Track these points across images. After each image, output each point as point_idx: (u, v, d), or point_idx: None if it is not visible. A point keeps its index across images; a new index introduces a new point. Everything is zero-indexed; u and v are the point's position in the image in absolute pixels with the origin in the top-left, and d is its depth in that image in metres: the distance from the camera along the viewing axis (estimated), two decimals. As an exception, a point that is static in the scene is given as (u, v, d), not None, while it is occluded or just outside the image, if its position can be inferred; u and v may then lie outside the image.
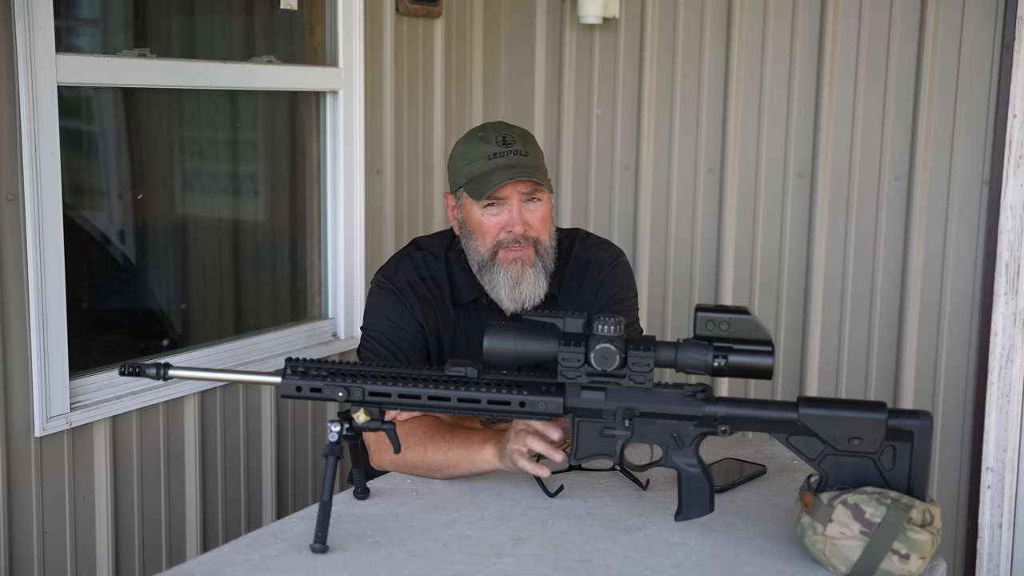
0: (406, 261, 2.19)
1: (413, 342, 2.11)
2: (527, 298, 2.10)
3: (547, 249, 2.12)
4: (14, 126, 2.16)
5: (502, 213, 2.08)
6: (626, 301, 2.23)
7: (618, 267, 2.24)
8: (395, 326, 2.11)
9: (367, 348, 2.13)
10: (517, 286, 2.09)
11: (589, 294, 2.19)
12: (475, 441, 1.91)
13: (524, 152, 2.10)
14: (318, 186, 3.06)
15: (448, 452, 1.91)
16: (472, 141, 2.13)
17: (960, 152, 2.97)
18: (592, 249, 2.26)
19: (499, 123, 2.18)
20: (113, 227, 2.94)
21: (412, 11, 3.17)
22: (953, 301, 3.01)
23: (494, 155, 2.08)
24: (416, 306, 2.13)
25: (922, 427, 1.61)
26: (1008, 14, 2.84)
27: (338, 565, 1.59)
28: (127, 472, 2.47)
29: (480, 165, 2.08)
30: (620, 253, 2.28)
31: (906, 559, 1.55)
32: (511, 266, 2.09)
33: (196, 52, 2.96)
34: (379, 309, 2.15)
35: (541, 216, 2.10)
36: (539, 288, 2.11)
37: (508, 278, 2.09)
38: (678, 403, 1.66)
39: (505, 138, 2.10)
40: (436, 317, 2.14)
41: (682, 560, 1.63)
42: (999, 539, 2.97)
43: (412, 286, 2.14)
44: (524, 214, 2.08)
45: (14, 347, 2.21)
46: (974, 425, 3.00)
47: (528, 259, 2.09)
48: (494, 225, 2.09)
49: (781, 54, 3.17)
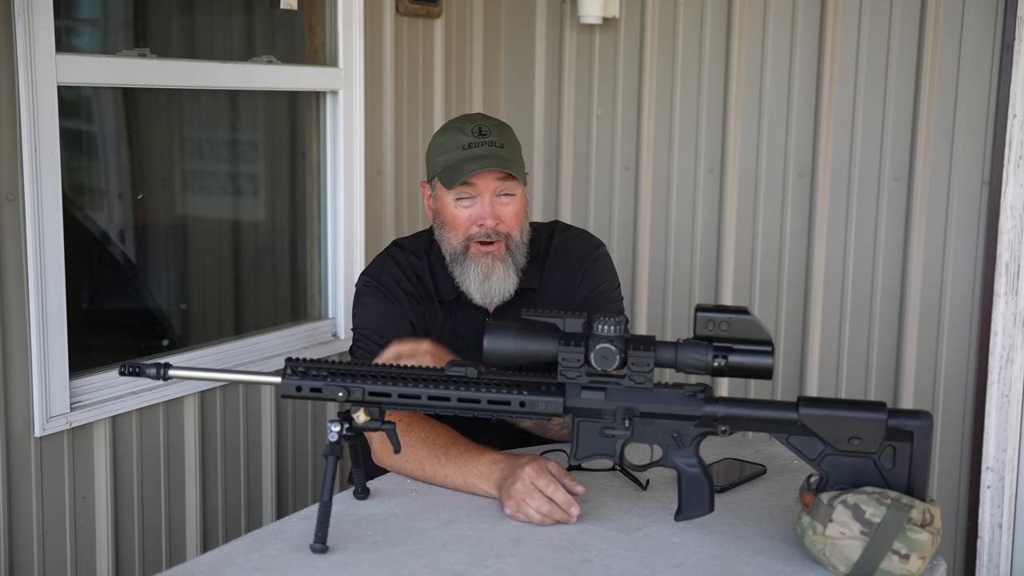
0: (389, 261, 2.19)
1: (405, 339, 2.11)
2: (496, 292, 2.10)
3: (518, 244, 2.12)
4: (14, 126, 2.16)
5: (474, 206, 2.08)
6: (609, 293, 2.23)
7: (598, 258, 2.24)
8: (386, 324, 2.10)
9: (360, 347, 2.12)
10: (487, 280, 2.09)
11: (572, 286, 2.19)
12: (473, 472, 1.85)
13: (499, 143, 2.09)
14: (318, 186, 3.06)
15: (446, 479, 1.88)
16: (448, 131, 2.13)
17: (960, 152, 2.97)
18: (572, 240, 2.25)
19: (477, 114, 2.18)
20: (113, 227, 2.94)
21: (412, 11, 3.17)
22: (953, 301, 3.01)
23: (468, 145, 2.07)
24: (405, 303, 2.12)
25: (922, 427, 1.61)
26: (1008, 14, 2.84)
27: (338, 565, 1.59)
28: (127, 472, 2.47)
29: (455, 155, 2.08)
30: (600, 244, 2.27)
31: (906, 559, 1.55)
32: (482, 260, 2.09)
33: (196, 52, 2.96)
34: (369, 308, 2.14)
35: (514, 211, 2.10)
36: (509, 283, 2.11)
37: (478, 272, 2.09)
38: (678, 403, 1.66)
39: (481, 129, 2.09)
40: (424, 314, 2.14)
41: (682, 560, 1.63)
42: (999, 539, 2.97)
43: (399, 283, 2.14)
44: (496, 208, 2.08)
45: (14, 347, 2.21)
46: (974, 425, 3.00)
47: (499, 254, 2.09)
48: (466, 218, 2.09)
49: (781, 54, 3.17)
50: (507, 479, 1.78)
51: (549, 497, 1.73)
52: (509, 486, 1.76)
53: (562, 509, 1.73)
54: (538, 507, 1.73)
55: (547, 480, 1.74)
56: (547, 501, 1.73)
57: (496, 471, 1.82)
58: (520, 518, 1.74)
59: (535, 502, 1.73)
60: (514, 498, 1.74)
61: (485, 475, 1.83)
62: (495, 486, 1.81)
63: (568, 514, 1.73)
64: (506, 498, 1.76)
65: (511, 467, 1.79)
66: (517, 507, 1.74)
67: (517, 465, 1.78)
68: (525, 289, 2.14)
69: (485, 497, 1.84)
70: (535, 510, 1.73)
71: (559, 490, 1.73)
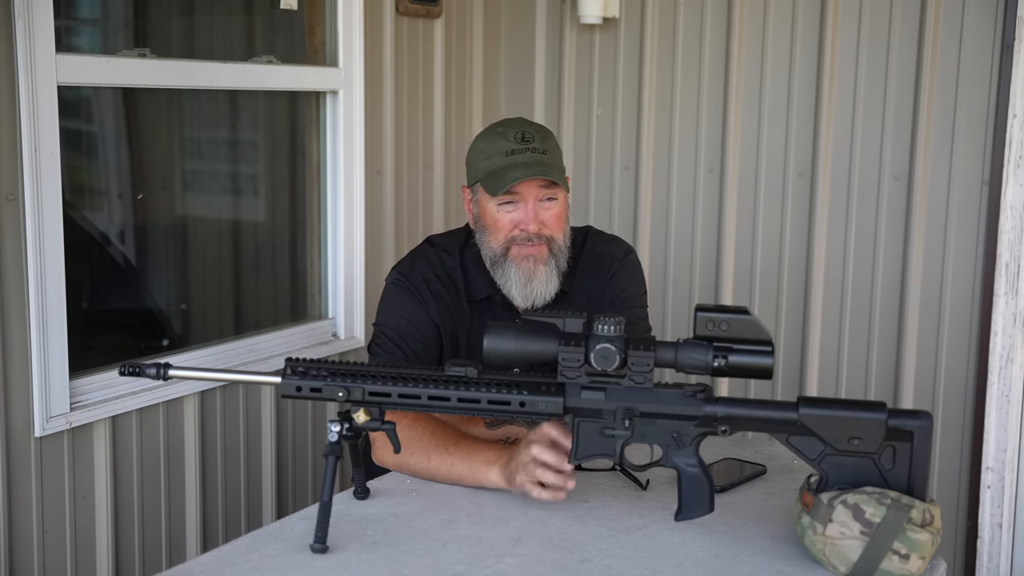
0: (421, 259, 2.19)
1: (426, 341, 2.11)
2: (538, 295, 2.10)
3: (561, 248, 2.12)
4: (14, 126, 2.16)
5: (517, 210, 2.08)
6: (635, 298, 2.23)
7: (628, 263, 2.25)
8: (409, 324, 2.11)
9: (379, 345, 2.12)
10: (529, 283, 2.09)
11: (599, 289, 2.20)
12: (480, 459, 1.88)
13: (542, 150, 2.09)
14: (318, 186, 3.06)
15: (452, 467, 1.89)
16: (491, 136, 2.13)
17: (960, 152, 2.97)
18: (604, 244, 2.27)
19: (519, 119, 2.18)
20: (113, 227, 2.94)
21: (412, 11, 3.17)
22: (953, 301, 3.01)
23: (512, 152, 2.08)
24: (432, 304, 2.12)
25: (922, 427, 1.61)
26: (1008, 14, 2.84)
27: (338, 565, 1.59)
28: (127, 472, 2.47)
29: (497, 161, 2.08)
30: (631, 250, 2.29)
31: (906, 559, 1.55)
32: (523, 263, 2.09)
33: (196, 52, 2.96)
34: (394, 307, 2.14)
35: (556, 215, 2.10)
36: (551, 286, 2.11)
37: (520, 275, 2.09)
38: (678, 403, 1.66)
39: (524, 135, 2.10)
40: (452, 315, 2.14)
41: (682, 560, 1.63)
42: (999, 539, 2.97)
43: (428, 284, 2.14)
44: (539, 212, 2.08)
45: (14, 347, 2.21)
46: (974, 425, 3.00)
47: (541, 257, 2.09)
48: (508, 222, 2.09)
49: (781, 54, 3.17)
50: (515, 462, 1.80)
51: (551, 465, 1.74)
52: (517, 466, 1.78)
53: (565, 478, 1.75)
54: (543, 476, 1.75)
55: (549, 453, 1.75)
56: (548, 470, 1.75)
57: (502, 459, 1.85)
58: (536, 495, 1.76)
59: (538, 472, 1.75)
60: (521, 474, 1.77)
61: (492, 461, 1.85)
62: (499, 473, 1.84)
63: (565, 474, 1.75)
64: (513, 483, 1.79)
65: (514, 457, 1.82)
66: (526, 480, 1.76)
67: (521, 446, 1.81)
68: (557, 292, 2.14)
69: (485, 497, 1.85)
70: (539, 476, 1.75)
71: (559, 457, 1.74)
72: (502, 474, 1.84)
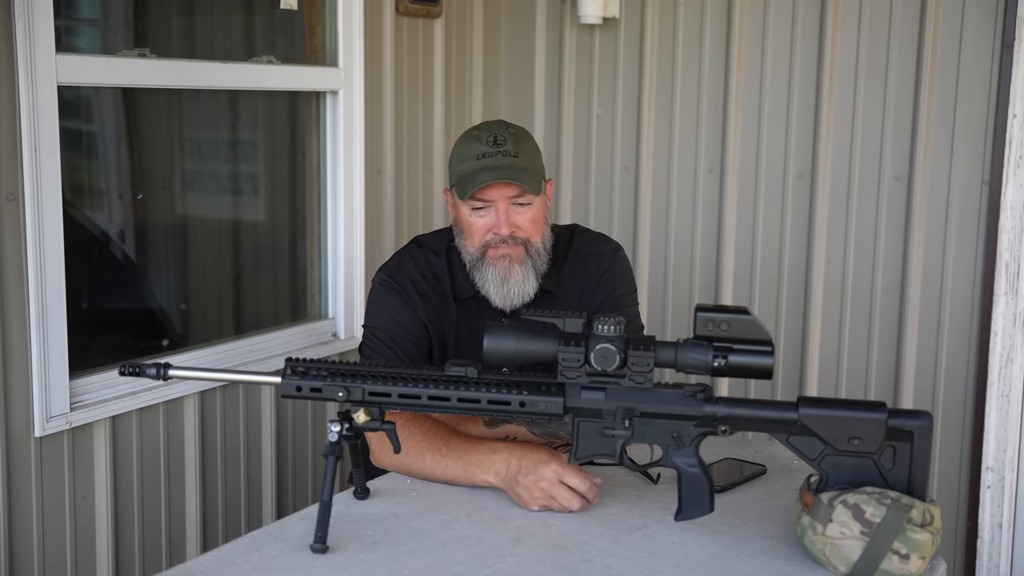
0: (407, 259, 2.19)
1: (416, 341, 2.11)
2: (515, 295, 2.09)
3: (539, 250, 2.11)
4: (14, 126, 2.17)
5: (488, 215, 2.07)
6: (626, 296, 2.23)
7: (617, 261, 2.24)
8: (398, 324, 2.10)
9: (369, 347, 2.12)
10: (505, 283, 2.08)
11: (589, 288, 2.19)
12: (472, 461, 1.87)
13: (514, 153, 2.07)
14: (318, 186, 3.06)
15: (446, 469, 1.89)
16: (467, 139, 2.13)
17: (960, 152, 2.97)
18: (591, 243, 2.25)
19: (497, 122, 2.16)
20: (113, 227, 2.94)
21: (412, 11, 3.17)
22: (953, 301, 3.01)
23: (482, 155, 2.06)
24: (419, 304, 2.12)
25: (922, 427, 1.61)
26: (1008, 14, 2.84)
27: (338, 565, 1.59)
28: (127, 472, 2.47)
29: (469, 164, 2.08)
30: (619, 248, 2.27)
31: (906, 559, 1.55)
32: (499, 262, 2.08)
33: (196, 52, 2.96)
34: (382, 307, 2.14)
35: (531, 218, 2.09)
36: (528, 286, 2.09)
37: (496, 275, 2.08)
38: (678, 403, 1.66)
39: (496, 138, 2.08)
40: (439, 314, 2.14)
41: (682, 560, 1.63)
42: (999, 539, 2.97)
43: (414, 283, 2.14)
44: (511, 216, 2.07)
45: (14, 347, 2.21)
46: (974, 425, 3.00)
47: (517, 257, 2.08)
48: (481, 226, 2.08)
49: (781, 54, 3.17)
50: (524, 475, 1.80)
51: (573, 489, 1.78)
52: (532, 484, 1.79)
53: (587, 499, 1.79)
54: (567, 502, 1.78)
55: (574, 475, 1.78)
56: (574, 495, 1.78)
57: (497, 461, 1.84)
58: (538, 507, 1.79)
59: (563, 496, 1.78)
60: (541, 495, 1.78)
61: (485, 464, 1.85)
62: (496, 475, 1.83)
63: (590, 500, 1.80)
64: (529, 495, 1.79)
65: (520, 460, 1.82)
66: (546, 503, 1.79)
67: (532, 460, 1.81)
68: (543, 291, 2.13)
69: (485, 497, 1.85)
70: (564, 502, 1.78)
71: (585, 481, 1.79)
72: (501, 480, 1.83)
